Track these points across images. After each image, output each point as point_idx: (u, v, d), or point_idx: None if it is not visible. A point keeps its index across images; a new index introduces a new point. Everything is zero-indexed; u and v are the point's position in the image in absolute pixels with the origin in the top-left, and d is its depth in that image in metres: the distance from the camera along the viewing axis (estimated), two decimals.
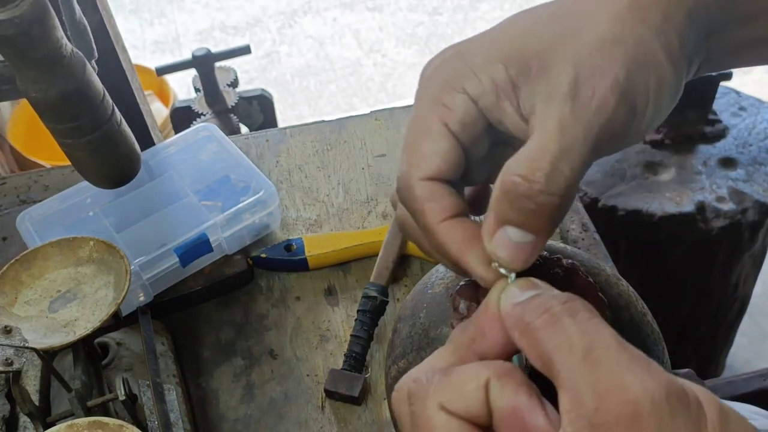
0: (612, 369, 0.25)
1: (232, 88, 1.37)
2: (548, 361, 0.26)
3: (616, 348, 0.25)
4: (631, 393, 0.24)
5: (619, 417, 0.24)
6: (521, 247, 0.30)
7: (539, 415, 0.26)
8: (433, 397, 0.27)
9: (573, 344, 0.25)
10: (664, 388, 0.24)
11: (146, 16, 2.66)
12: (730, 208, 1.05)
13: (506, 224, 0.30)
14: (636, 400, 0.24)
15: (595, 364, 0.25)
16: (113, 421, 0.47)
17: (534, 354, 0.27)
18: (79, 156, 0.54)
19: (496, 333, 0.29)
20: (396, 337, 0.49)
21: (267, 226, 0.74)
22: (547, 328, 0.26)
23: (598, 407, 0.24)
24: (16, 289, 0.56)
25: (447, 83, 0.32)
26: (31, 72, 0.47)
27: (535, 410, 0.26)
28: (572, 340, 0.26)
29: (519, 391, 0.26)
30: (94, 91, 0.51)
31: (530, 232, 0.30)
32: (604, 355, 0.25)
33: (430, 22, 2.53)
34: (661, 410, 0.24)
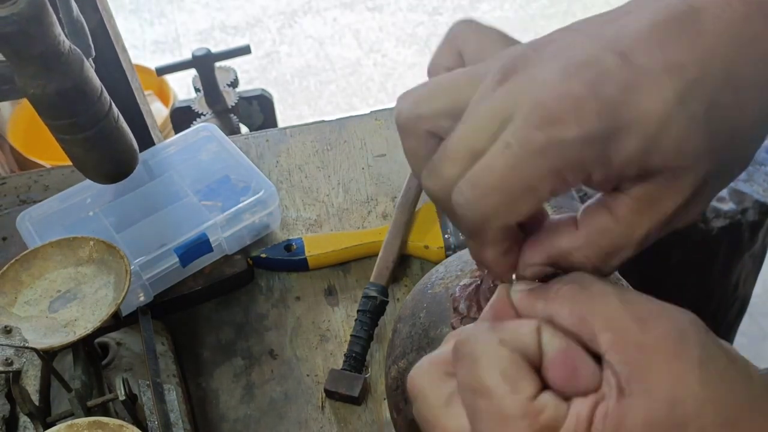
0: (647, 304, 0.27)
1: (232, 88, 1.37)
2: (581, 313, 0.28)
3: (644, 296, 0.28)
4: (672, 314, 0.27)
5: (666, 333, 0.26)
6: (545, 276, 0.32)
7: (586, 357, 0.27)
8: (493, 336, 0.28)
9: (606, 293, 0.28)
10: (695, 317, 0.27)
11: (146, 16, 2.66)
12: (730, 208, 1.05)
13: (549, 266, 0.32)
14: (677, 318, 0.27)
15: (630, 302, 0.27)
16: (113, 421, 0.47)
17: (566, 311, 0.28)
18: (77, 152, 0.54)
19: (512, 317, 0.31)
20: (396, 337, 0.49)
21: (267, 226, 0.74)
22: (580, 290, 0.28)
23: (643, 329, 0.26)
24: (16, 289, 0.56)
25: (581, 160, 0.28)
26: (29, 69, 0.47)
27: (581, 352, 0.28)
28: (605, 291, 0.28)
29: (568, 336, 0.28)
30: (91, 87, 0.51)
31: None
32: (637, 298, 0.28)
33: (430, 22, 2.53)
34: (699, 329, 0.27)
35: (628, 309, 0.27)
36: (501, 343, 0.28)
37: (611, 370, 0.26)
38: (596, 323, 0.27)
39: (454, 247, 0.69)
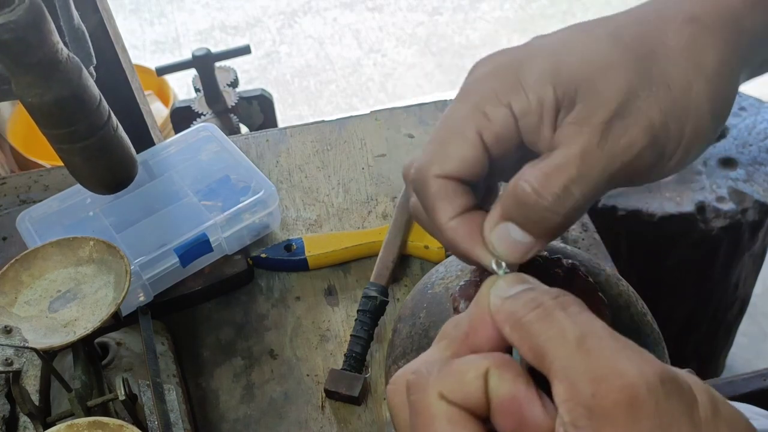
0: (606, 356, 0.25)
1: (232, 88, 1.37)
2: (540, 354, 0.26)
3: (609, 337, 0.26)
4: (627, 378, 0.24)
5: (616, 402, 0.24)
6: (518, 245, 0.32)
7: (537, 405, 0.26)
8: (433, 386, 0.27)
9: (566, 335, 0.26)
10: (658, 373, 0.24)
11: (146, 16, 2.66)
12: (730, 208, 1.05)
13: (509, 221, 0.31)
14: (632, 384, 0.24)
15: (588, 352, 0.25)
16: (113, 421, 0.47)
17: (526, 347, 0.27)
18: (75, 161, 0.53)
19: (489, 328, 0.29)
20: (396, 337, 0.49)
21: (267, 226, 0.74)
22: (540, 322, 0.27)
23: (595, 393, 0.24)
24: (16, 289, 0.56)
25: (494, 93, 0.32)
26: (26, 77, 0.47)
27: (532, 400, 0.26)
28: (565, 331, 0.26)
29: (517, 381, 0.26)
30: (89, 96, 0.50)
31: (530, 234, 0.31)
32: (597, 344, 0.25)
33: (430, 22, 2.53)
34: (656, 394, 0.24)
35: (583, 361, 0.25)
36: (440, 396, 0.27)
37: (563, 426, 0.25)
38: (552, 368, 0.26)
39: None
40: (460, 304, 0.41)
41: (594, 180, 0.30)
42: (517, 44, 0.34)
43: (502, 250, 0.32)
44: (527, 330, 0.27)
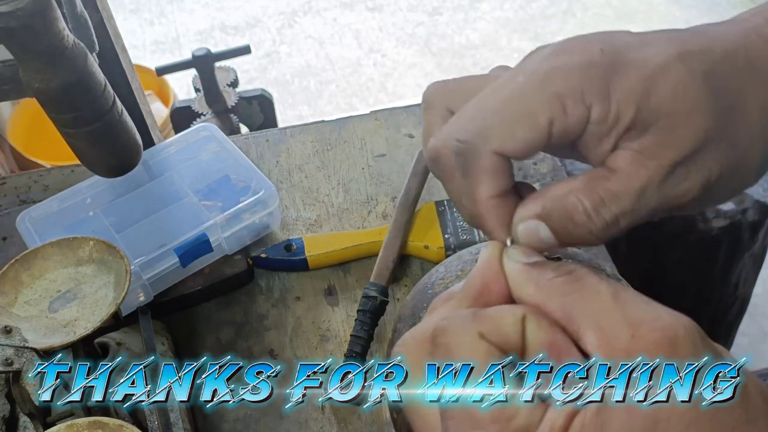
0: (641, 307, 0.26)
1: (232, 88, 1.37)
2: (570, 310, 0.27)
3: (641, 297, 0.27)
4: (664, 320, 0.25)
5: (657, 341, 0.25)
6: (540, 243, 0.31)
7: (574, 350, 0.27)
8: (473, 328, 0.28)
9: (600, 291, 0.27)
10: (693, 322, 0.26)
11: (146, 16, 2.66)
12: (730, 208, 1.04)
13: (544, 221, 0.31)
14: (670, 325, 0.25)
15: (624, 303, 0.26)
16: (113, 421, 0.47)
17: (555, 305, 0.28)
18: (81, 145, 0.54)
19: (502, 286, 0.30)
20: (396, 337, 0.49)
21: (267, 226, 0.74)
22: (572, 283, 0.28)
23: (634, 334, 0.25)
24: (16, 289, 0.56)
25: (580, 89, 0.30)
26: (33, 63, 0.48)
27: (569, 345, 0.27)
28: (599, 288, 0.27)
29: (555, 328, 0.27)
30: (95, 81, 0.51)
31: (557, 239, 0.31)
32: (632, 297, 0.27)
33: (430, 22, 2.53)
34: (693, 335, 0.25)
35: (620, 310, 0.26)
36: (480, 336, 0.27)
37: None
38: (584, 321, 0.26)
39: (454, 247, 0.69)
40: None
41: (642, 216, 0.30)
42: (518, 44, 0.34)
43: (524, 240, 0.32)
44: (558, 289, 0.28)
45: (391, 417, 0.50)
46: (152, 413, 0.55)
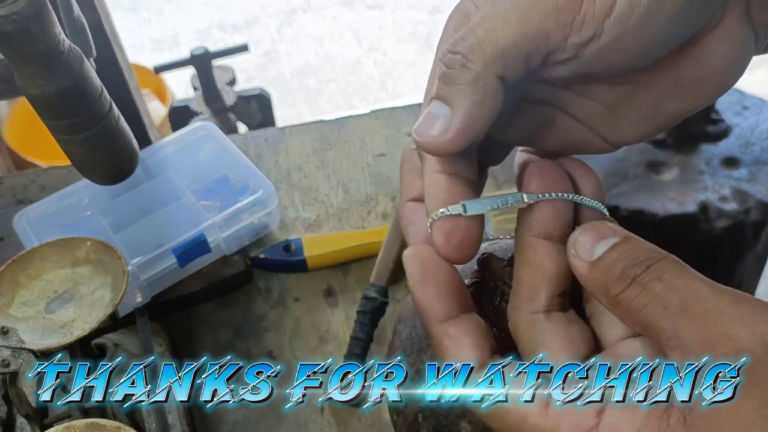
0: (713, 320, 0.24)
1: (230, 86, 1.36)
2: (646, 326, 0.26)
3: (713, 298, 0.24)
4: (739, 341, 0.23)
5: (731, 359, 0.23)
6: (434, 119, 0.28)
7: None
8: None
9: (667, 306, 0.25)
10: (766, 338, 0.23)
11: (144, 14, 2.65)
12: (733, 208, 1.04)
13: (432, 98, 0.29)
14: (745, 347, 0.23)
15: (694, 318, 0.24)
16: (111, 423, 0.47)
17: (630, 321, 0.27)
18: (77, 152, 0.53)
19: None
20: (396, 338, 0.48)
21: (266, 227, 0.74)
22: (637, 298, 0.26)
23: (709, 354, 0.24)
24: (12, 290, 0.56)
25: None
26: (28, 68, 0.47)
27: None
28: (666, 302, 0.25)
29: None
30: (91, 87, 0.50)
31: (445, 104, 0.28)
32: (701, 308, 0.24)
33: (430, 20, 2.53)
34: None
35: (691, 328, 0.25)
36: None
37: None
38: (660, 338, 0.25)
39: None
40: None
41: (505, 24, 0.27)
42: None
43: (417, 124, 0.29)
44: (626, 306, 0.26)
45: (391, 419, 0.49)
46: (150, 415, 0.54)
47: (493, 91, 0.28)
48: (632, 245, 0.27)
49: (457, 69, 0.28)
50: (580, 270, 0.28)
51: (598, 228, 0.29)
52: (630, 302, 0.26)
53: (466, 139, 0.28)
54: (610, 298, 0.27)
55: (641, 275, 0.26)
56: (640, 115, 0.31)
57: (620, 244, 0.28)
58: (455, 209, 0.29)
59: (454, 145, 0.28)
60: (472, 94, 0.28)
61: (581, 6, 0.27)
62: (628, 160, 1.11)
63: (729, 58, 0.29)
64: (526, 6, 0.27)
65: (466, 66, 0.27)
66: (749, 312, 0.24)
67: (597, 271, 0.27)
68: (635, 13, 0.26)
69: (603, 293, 0.27)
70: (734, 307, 0.24)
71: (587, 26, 0.27)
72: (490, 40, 0.27)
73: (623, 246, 0.28)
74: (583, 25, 0.27)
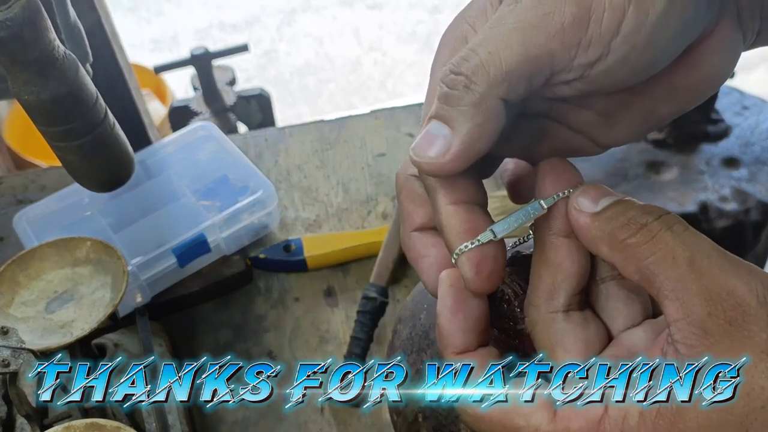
0: (717, 276, 0.25)
1: (230, 86, 1.36)
2: (649, 275, 0.26)
3: (717, 255, 0.26)
4: (738, 295, 0.25)
5: (732, 320, 0.25)
6: (434, 139, 0.28)
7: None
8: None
9: (676, 256, 0.26)
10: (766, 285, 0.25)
11: (144, 14, 2.65)
12: (733, 208, 1.04)
13: (431, 118, 0.29)
14: (744, 300, 0.25)
15: (700, 273, 0.25)
16: (110, 423, 0.47)
17: (631, 268, 0.27)
18: (72, 159, 0.53)
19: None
20: (396, 338, 0.48)
21: (266, 227, 0.74)
22: (647, 244, 0.26)
23: (710, 312, 0.25)
24: (12, 290, 0.56)
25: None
26: (23, 74, 0.47)
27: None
28: (675, 253, 0.26)
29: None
30: (86, 93, 0.50)
31: (445, 124, 0.28)
32: (707, 263, 0.26)
33: (430, 20, 2.53)
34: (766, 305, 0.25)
35: (696, 281, 0.25)
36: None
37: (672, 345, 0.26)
38: (662, 288, 0.26)
39: None
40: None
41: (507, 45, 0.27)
42: None
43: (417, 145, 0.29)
44: (633, 252, 0.27)
45: (391, 419, 0.49)
46: (150, 415, 0.54)
47: (495, 113, 0.27)
48: (636, 203, 0.28)
49: (460, 90, 0.27)
50: (581, 221, 0.28)
51: (599, 188, 0.29)
52: (638, 247, 0.27)
53: (466, 161, 0.28)
54: (615, 243, 0.27)
55: (652, 222, 0.27)
56: (633, 119, 0.31)
57: (623, 201, 0.28)
58: (485, 237, 0.29)
59: (454, 167, 0.28)
60: (475, 115, 0.27)
61: (588, 27, 0.26)
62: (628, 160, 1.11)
63: (722, 62, 0.30)
64: (529, 27, 0.27)
65: (469, 87, 0.27)
66: (747, 270, 0.26)
67: (601, 220, 0.28)
68: (642, 32, 0.27)
69: (607, 240, 0.28)
70: (735, 265, 0.26)
71: (594, 47, 0.27)
72: (493, 61, 0.27)
73: (627, 202, 0.28)
74: (590, 46, 0.27)
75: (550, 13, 0.26)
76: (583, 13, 0.26)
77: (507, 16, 0.27)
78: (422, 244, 0.32)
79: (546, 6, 0.27)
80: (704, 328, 0.25)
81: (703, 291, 0.25)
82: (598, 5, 0.26)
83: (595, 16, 0.26)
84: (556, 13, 0.26)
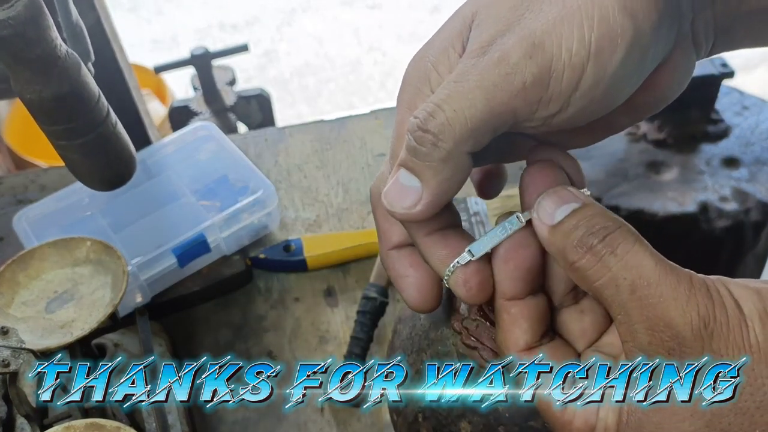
0: (656, 306, 0.26)
1: (230, 86, 1.36)
2: (599, 295, 0.28)
3: (657, 281, 0.27)
4: (674, 327, 0.26)
5: (670, 350, 0.26)
6: (405, 191, 0.30)
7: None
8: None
9: (618, 284, 0.27)
10: (702, 316, 0.26)
11: (144, 14, 2.65)
12: (733, 208, 1.04)
13: (401, 166, 0.30)
14: (679, 333, 0.26)
15: (640, 302, 0.27)
16: (110, 423, 0.47)
17: (584, 286, 0.29)
18: (74, 158, 0.53)
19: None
20: (396, 338, 0.48)
21: (266, 227, 0.74)
22: (593, 269, 0.28)
23: (651, 341, 0.27)
24: (12, 290, 0.56)
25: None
26: (25, 73, 0.47)
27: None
28: (617, 280, 0.27)
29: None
30: (89, 92, 0.50)
31: (415, 176, 0.30)
32: (647, 292, 0.27)
33: (430, 20, 2.53)
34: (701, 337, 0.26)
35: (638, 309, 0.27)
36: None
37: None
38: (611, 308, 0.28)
39: None
40: (460, 304, 0.40)
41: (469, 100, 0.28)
42: None
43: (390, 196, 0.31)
44: (582, 275, 0.28)
45: (391, 419, 0.49)
46: (150, 415, 0.54)
47: (462, 166, 0.29)
48: (591, 212, 0.29)
49: (428, 147, 0.29)
50: (541, 233, 0.29)
51: (559, 192, 0.30)
52: (585, 272, 0.28)
53: (437, 208, 0.30)
54: (567, 263, 0.28)
55: (597, 246, 0.28)
56: (595, 131, 0.33)
57: (580, 210, 0.29)
58: (463, 259, 0.31)
59: (425, 215, 0.30)
60: (443, 170, 0.29)
61: (548, 85, 0.28)
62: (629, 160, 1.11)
63: (677, 82, 0.31)
64: (492, 86, 0.28)
65: (436, 145, 0.29)
66: (685, 295, 0.26)
67: (557, 235, 0.29)
68: (601, 86, 0.28)
69: (562, 258, 0.29)
70: (673, 291, 0.26)
71: (554, 102, 0.28)
72: (458, 119, 0.28)
73: (582, 212, 0.29)
74: (551, 102, 0.28)
75: (512, 73, 0.27)
76: (543, 73, 0.27)
77: (470, 71, 0.28)
78: (401, 264, 0.34)
79: (507, 66, 0.27)
80: (647, 353, 0.27)
81: (644, 320, 0.27)
82: (557, 64, 0.27)
83: (555, 75, 0.27)
84: (518, 73, 0.27)
